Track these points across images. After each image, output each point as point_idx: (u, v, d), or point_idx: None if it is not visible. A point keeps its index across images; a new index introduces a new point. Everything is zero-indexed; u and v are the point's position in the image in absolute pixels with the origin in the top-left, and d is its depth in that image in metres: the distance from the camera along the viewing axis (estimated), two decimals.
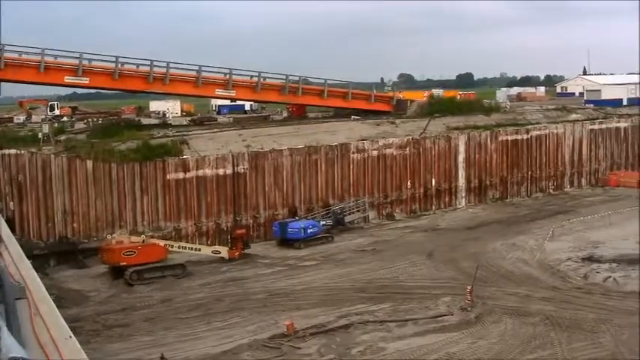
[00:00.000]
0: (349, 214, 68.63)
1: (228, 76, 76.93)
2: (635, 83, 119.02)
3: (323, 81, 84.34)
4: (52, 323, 19.81)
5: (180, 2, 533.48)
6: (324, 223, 64.72)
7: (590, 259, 55.32)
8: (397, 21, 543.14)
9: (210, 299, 47.34)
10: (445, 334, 39.85)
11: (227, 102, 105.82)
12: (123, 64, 72.33)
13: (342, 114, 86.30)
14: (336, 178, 69.81)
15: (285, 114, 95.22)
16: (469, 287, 44.48)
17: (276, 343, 38.71)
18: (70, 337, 18.77)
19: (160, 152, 62.60)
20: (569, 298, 45.97)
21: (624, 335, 38.93)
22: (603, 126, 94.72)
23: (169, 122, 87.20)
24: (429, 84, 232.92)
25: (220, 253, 57.65)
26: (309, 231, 61.90)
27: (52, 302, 22.44)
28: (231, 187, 64.09)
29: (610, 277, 50.32)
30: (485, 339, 39.01)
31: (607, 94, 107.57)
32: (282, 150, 67.10)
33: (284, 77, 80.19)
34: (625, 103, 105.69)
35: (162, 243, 55.39)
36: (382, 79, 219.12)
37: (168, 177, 61.80)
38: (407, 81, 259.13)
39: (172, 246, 55.94)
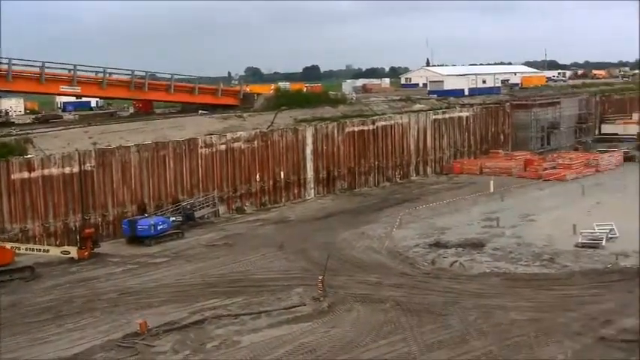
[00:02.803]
0: (199, 209, 68.46)
1: (72, 72, 75.16)
2: (476, 74, 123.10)
3: (170, 76, 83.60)
4: None
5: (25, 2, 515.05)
6: (174, 219, 64.28)
7: (437, 244, 57.28)
8: (244, 14, 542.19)
9: (60, 301, 46.29)
10: (299, 324, 40.41)
11: (72, 99, 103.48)
12: None
13: (189, 109, 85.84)
14: (185, 174, 69.46)
15: (131, 110, 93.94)
16: (320, 277, 45.23)
17: (130, 342, 38.38)
18: None
19: (3, 152, 60.61)
20: (418, 284, 47.40)
21: (472, 317, 40.47)
22: (446, 115, 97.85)
23: (12, 121, 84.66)
24: (275, 77, 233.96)
25: (70, 253, 56.43)
26: (159, 228, 61.36)
27: None
28: (79, 186, 62.70)
29: (456, 261, 52.26)
30: (339, 327, 39.79)
31: (449, 85, 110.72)
32: (129, 146, 66.19)
33: (130, 73, 79.05)
34: (466, 93, 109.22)
35: (8, 245, 53.74)
36: (229, 73, 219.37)
37: (12, 177, 59.85)
38: (254, 74, 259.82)
39: (19, 248, 54.36)
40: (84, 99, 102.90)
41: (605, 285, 45.93)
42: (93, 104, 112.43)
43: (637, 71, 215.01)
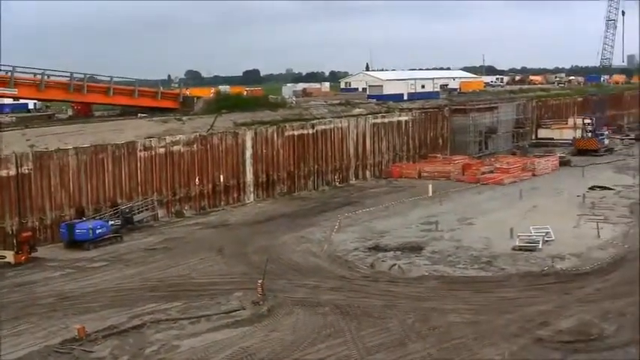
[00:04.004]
0: (138, 212, 67.96)
1: (9, 74, 73.98)
2: (415, 79, 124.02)
3: (109, 78, 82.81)
4: None
5: None
6: (112, 222, 63.73)
7: (376, 248, 57.61)
8: (184, 17, 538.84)
9: None
10: (238, 328, 40.38)
11: (9, 101, 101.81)
12: None
13: (128, 112, 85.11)
14: (123, 177, 68.88)
15: (70, 112, 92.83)
16: (260, 281, 45.26)
17: (68, 348, 37.92)
18: None
19: None
20: (357, 287, 47.66)
21: (411, 320, 40.81)
22: (385, 120, 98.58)
23: None
24: (215, 80, 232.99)
25: (6, 257, 55.59)
26: (97, 231, 60.78)
27: None
28: (15, 189, 61.79)
29: (395, 264, 52.60)
30: (278, 331, 39.85)
31: (389, 89, 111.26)
32: (67, 149, 65.37)
33: (69, 75, 78.07)
34: (406, 97, 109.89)
35: None
36: (169, 76, 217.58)
37: None
38: (194, 78, 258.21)
39: None
40: (21, 101, 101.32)
41: (541, 287, 46.71)
42: (31, 106, 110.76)
43: (572, 77, 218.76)
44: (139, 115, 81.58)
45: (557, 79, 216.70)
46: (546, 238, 57.44)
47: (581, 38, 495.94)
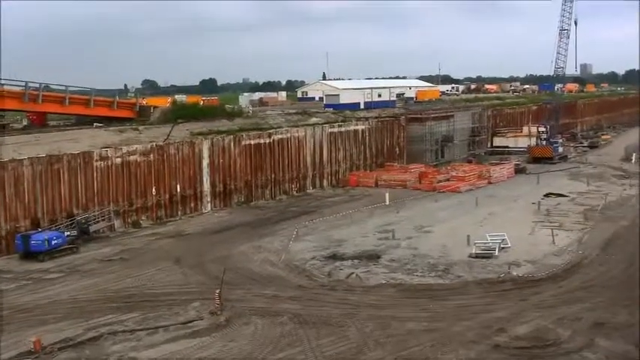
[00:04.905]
0: (94, 223, 67.37)
1: None
2: (372, 88, 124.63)
3: (64, 88, 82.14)
4: None
5: None
6: (68, 233, 63.13)
7: (334, 257, 57.70)
8: (141, 25, 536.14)
9: None
10: (196, 338, 40.21)
11: None
12: None
13: (84, 121, 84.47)
14: (79, 187, 68.23)
15: (25, 122, 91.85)
16: (217, 291, 45.08)
17: None
18: None
19: None
20: (315, 296, 47.70)
21: (369, 328, 40.92)
22: (342, 129, 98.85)
23: None
24: (172, 90, 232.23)
25: None
26: (53, 242, 60.19)
27: None
28: None
29: (353, 273, 52.70)
30: (237, 341, 39.74)
31: (345, 99, 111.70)
32: (22, 160, 64.69)
33: (24, 84, 77.30)
34: (362, 106, 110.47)
35: None
36: (126, 85, 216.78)
37: None
38: (151, 87, 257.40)
39: None
40: None
41: (498, 294, 47.12)
42: None
43: (527, 86, 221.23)
44: (95, 124, 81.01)
45: (512, 87, 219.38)
46: (502, 245, 57.99)
47: (535, 48, 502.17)
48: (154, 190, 74.47)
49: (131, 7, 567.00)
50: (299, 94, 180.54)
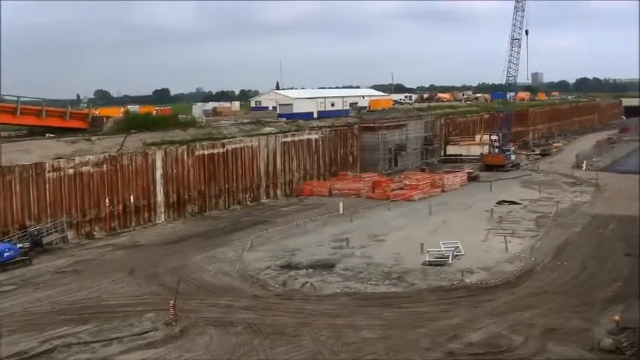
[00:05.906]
0: (47, 234, 66.77)
1: None
2: (325, 97, 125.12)
3: (16, 98, 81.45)
4: None
5: None
6: (20, 245, 62.51)
7: (288, 266, 57.79)
8: (93, 35, 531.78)
9: None
10: (151, 349, 40.05)
11: None
12: None
13: (36, 132, 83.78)
14: (32, 199, 67.59)
15: None
16: (172, 302, 44.97)
17: None
18: None
19: None
20: (270, 305, 47.72)
21: (323, 337, 41.06)
22: (296, 138, 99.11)
23: None
24: (125, 100, 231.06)
25: None
26: (5, 255, 59.54)
27: None
28: None
29: (307, 282, 52.84)
30: (192, 351, 39.65)
31: (299, 108, 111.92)
32: None
33: None
34: (315, 115, 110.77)
35: None
36: (78, 95, 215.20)
37: None
38: (103, 97, 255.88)
39: None
40: None
41: (452, 301, 47.51)
42: None
43: (479, 95, 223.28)
44: (47, 135, 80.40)
45: (465, 96, 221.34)
46: (456, 253, 58.48)
47: (487, 57, 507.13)
48: (107, 201, 74.00)
49: (82, 17, 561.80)
50: (252, 104, 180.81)
